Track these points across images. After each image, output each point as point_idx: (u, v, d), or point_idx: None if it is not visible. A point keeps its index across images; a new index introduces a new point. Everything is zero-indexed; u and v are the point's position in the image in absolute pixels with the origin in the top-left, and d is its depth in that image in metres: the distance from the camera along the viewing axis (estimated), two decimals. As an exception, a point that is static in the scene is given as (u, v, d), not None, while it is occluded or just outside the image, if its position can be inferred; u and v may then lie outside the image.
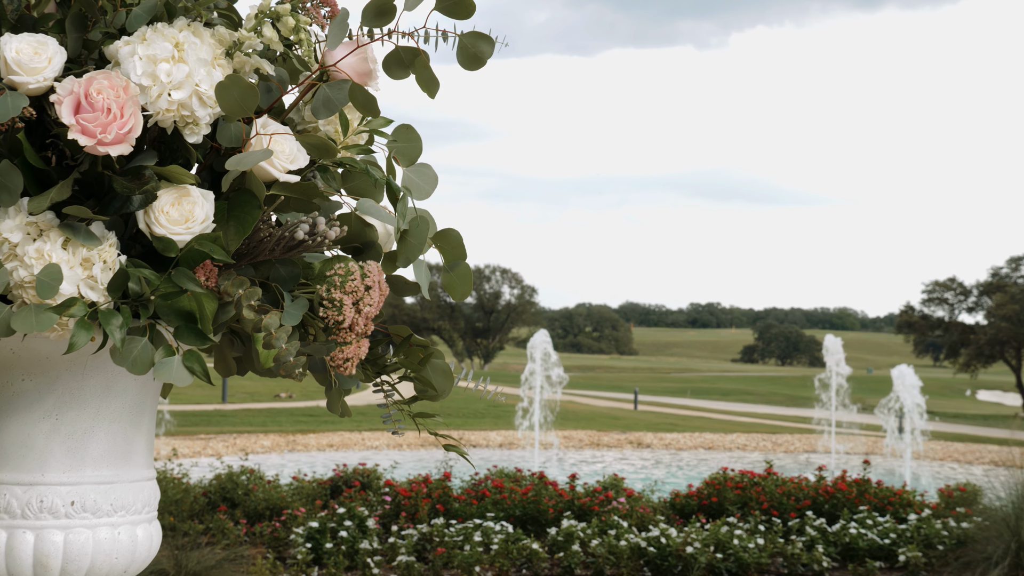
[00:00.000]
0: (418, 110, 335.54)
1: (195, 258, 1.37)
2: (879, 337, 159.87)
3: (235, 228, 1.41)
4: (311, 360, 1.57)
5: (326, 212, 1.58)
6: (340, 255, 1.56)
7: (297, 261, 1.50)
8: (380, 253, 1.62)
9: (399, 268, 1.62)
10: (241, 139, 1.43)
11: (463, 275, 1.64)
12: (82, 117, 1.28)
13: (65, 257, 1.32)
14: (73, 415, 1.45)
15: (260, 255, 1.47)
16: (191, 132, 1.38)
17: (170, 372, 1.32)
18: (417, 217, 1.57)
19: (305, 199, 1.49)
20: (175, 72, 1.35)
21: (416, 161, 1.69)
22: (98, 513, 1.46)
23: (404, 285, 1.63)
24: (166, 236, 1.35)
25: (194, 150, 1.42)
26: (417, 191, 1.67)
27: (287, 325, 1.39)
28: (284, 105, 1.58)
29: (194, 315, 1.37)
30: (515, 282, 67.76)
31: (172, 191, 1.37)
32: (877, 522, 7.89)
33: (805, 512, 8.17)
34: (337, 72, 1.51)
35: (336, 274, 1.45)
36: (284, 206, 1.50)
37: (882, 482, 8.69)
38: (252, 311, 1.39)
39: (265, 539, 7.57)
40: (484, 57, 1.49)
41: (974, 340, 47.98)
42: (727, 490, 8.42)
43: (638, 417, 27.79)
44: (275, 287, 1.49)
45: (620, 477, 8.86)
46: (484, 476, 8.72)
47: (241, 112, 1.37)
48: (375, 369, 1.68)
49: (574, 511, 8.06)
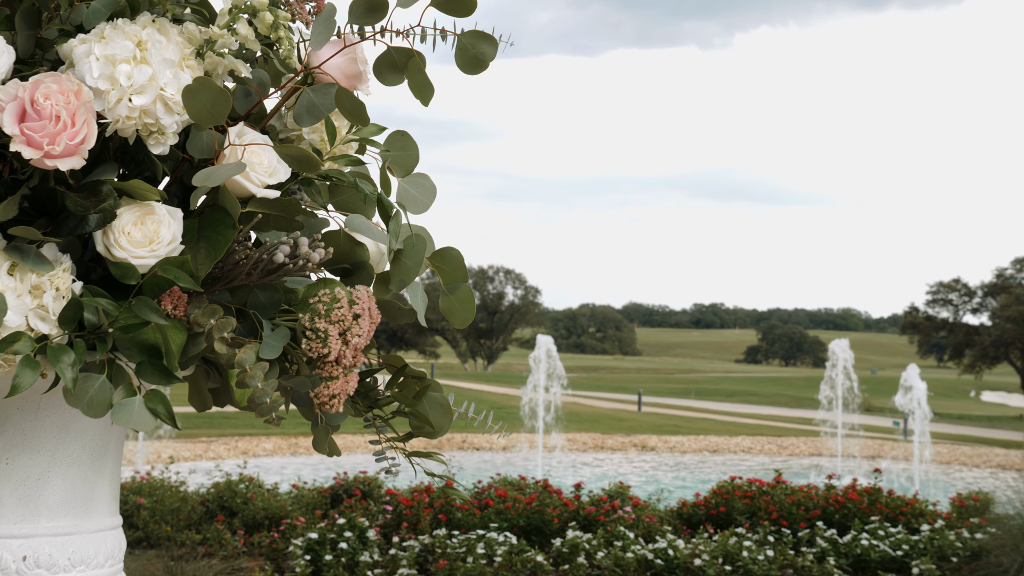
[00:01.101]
0: (420, 110, 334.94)
1: (160, 284, 1.21)
2: (883, 338, 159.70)
3: (206, 250, 1.25)
4: (295, 393, 1.42)
5: (311, 230, 1.43)
6: (327, 278, 1.40)
7: (278, 286, 1.34)
8: (372, 275, 1.46)
9: (393, 292, 1.46)
10: (213, 150, 1.27)
11: (464, 299, 1.48)
12: (27, 126, 1.12)
13: (11, 284, 1.17)
14: (25, 459, 1.29)
15: (235, 280, 1.32)
16: (156, 142, 1.22)
17: (130, 416, 1.17)
18: (413, 235, 1.41)
19: (286, 216, 1.33)
20: (137, 74, 1.19)
21: (412, 171, 1.54)
22: (54, 569, 1.30)
23: (398, 311, 1.47)
24: (127, 261, 1.19)
25: (160, 163, 1.26)
26: (413, 204, 1.52)
27: (264, 361, 1.23)
28: (266, 111, 1.43)
29: (159, 349, 1.21)
30: (519, 283, 67.68)
31: (135, 209, 1.22)
32: (889, 533, 7.71)
33: (815, 522, 7.99)
34: (323, 75, 1.36)
35: (321, 301, 1.29)
36: (263, 224, 1.34)
37: (893, 491, 8.51)
38: (224, 344, 1.23)
39: (264, 550, 7.40)
40: (486, 60, 1.33)
41: (979, 341, 47.88)
42: (735, 499, 8.24)
43: (642, 419, 27.65)
44: (253, 315, 1.34)
45: (626, 485, 8.69)
46: (487, 484, 8.55)
47: (212, 119, 1.21)
48: (366, 403, 1.53)
49: (579, 521, 7.88)
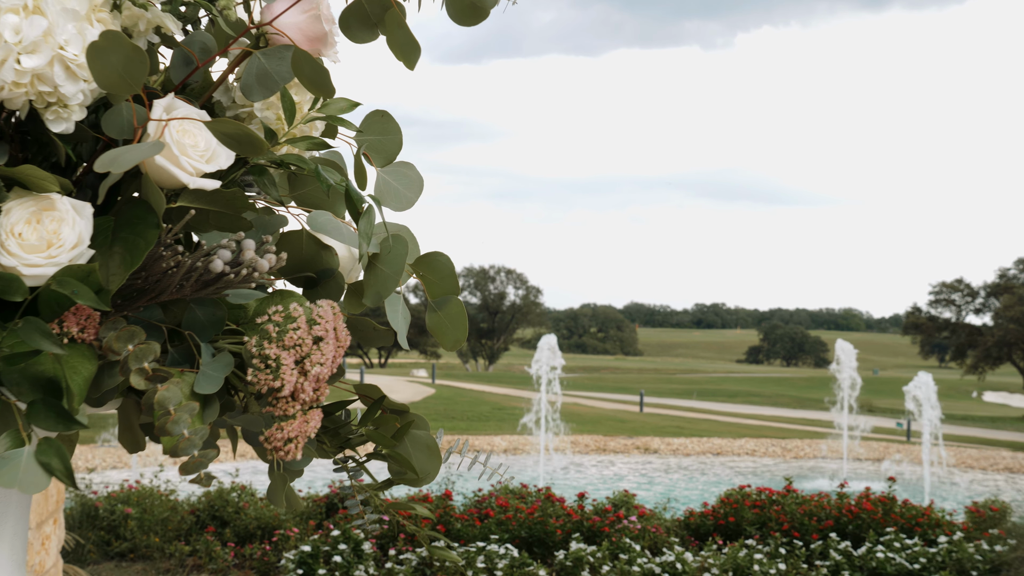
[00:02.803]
0: (423, 110, 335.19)
1: (59, 301, 0.93)
2: (884, 338, 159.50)
3: (121, 256, 0.97)
4: (246, 432, 1.14)
5: (265, 230, 1.15)
6: (285, 291, 1.12)
7: (221, 301, 1.07)
8: (342, 286, 1.19)
9: (367, 306, 1.18)
10: (133, 129, 0.99)
11: (454, 316, 1.20)
12: None
13: None
14: None
15: (165, 293, 1.04)
16: (56, 117, 0.95)
17: (14, 473, 0.89)
18: (391, 237, 1.14)
19: (230, 214, 1.05)
20: (27, 28, 0.92)
21: (395, 159, 1.27)
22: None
23: (373, 332, 1.19)
24: (15, 270, 0.91)
25: (62, 144, 0.98)
26: (394, 199, 1.24)
27: (194, 401, 0.96)
28: (211, 81, 1.15)
29: (58, 384, 0.93)
30: (520, 283, 67.44)
31: (28, 203, 0.94)
32: (905, 545, 7.41)
33: (828, 533, 7.70)
34: (278, 35, 1.08)
35: (271, 321, 1.02)
36: (202, 223, 1.06)
37: (908, 500, 8.20)
38: (143, 377, 0.95)
39: (255, 563, 7.11)
40: (486, 7, 1.05)
41: (981, 342, 47.66)
42: (744, 509, 7.95)
43: (644, 420, 27.39)
44: (189, 336, 1.06)
45: (631, 494, 8.38)
46: (488, 493, 8.26)
47: (125, 87, 0.94)
48: (335, 443, 1.25)
49: (583, 532, 7.59)
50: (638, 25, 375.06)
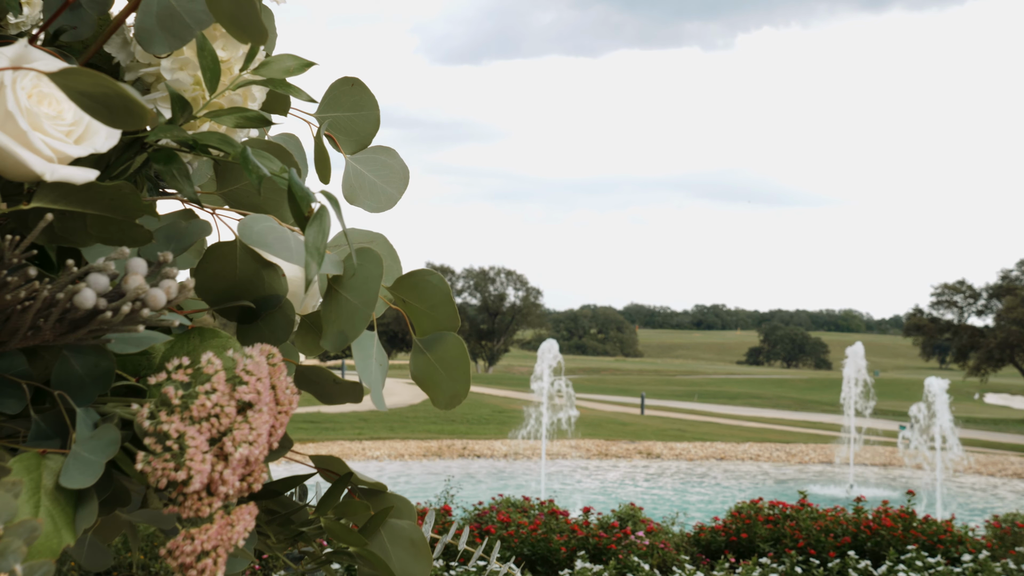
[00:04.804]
0: (423, 111, 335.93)
1: None
2: (884, 339, 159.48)
3: (-67, 286, 0.63)
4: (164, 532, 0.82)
5: (178, 241, 0.81)
6: (207, 329, 0.78)
7: (106, 348, 0.73)
8: (291, 320, 0.84)
9: (328, 350, 0.84)
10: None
11: (452, 361, 0.86)
12: None
13: None
14: None
15: (17, 338, 0.70)
16: None
17: None
18: (356, 252, 0.80)
19: (116, 218, 0.71)
20: None
21: (370, 143, 0.94)
22: None
23: (334, 387, 0.85)
24: None
25: None
26: (369, 196, 0.91)
27: (34, 519, 0.62)
28: (94, 34, 0.83)
29: None
30: (520, 284, 67.15)
31: None
32: (928, 564, 7.05)
33: (846, 551, 7.34)
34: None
35: (170, 381, 0.68)
36: (74, 232, 0.73)
37: (929, 516, 7.83)
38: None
39: (243, 581, 6.76)
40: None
41: (983, 344, 47.44)
42: (757, 524, 7.59)
43: (645, 423, 27.10)
44: (59, 398, 0.73)
45: (638, 507, 8.03)
46: (488, 506, 7.91)
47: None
48: (285, 535, 0.91)
49: (588, 549, 7.23)
50: (638, 26, 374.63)
